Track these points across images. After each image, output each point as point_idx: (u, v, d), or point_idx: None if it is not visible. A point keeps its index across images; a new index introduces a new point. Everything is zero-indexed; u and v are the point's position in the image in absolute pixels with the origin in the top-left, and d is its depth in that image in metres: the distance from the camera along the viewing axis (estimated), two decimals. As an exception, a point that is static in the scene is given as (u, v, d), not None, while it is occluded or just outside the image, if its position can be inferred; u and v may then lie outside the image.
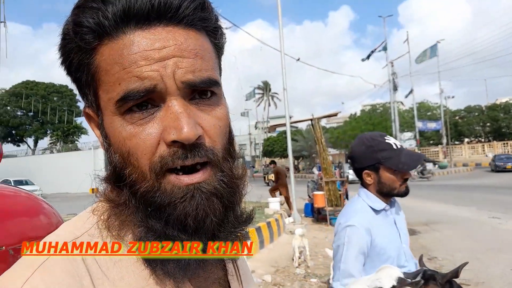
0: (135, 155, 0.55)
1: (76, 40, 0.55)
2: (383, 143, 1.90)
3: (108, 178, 0.60)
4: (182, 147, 0.53)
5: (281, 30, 12.74)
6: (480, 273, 6.24)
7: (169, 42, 0.54)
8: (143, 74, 0.52)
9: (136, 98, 0.53)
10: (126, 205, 0.57)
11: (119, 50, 0.53)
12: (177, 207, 0.54)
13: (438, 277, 1.61)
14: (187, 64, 0.54)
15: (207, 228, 0.55)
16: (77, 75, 0.59)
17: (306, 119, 13.77)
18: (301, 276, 6.64)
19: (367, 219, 1.91)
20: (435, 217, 11.69)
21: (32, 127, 52.11)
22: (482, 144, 47.94)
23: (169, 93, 0.54)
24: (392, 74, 36.43)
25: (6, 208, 1.14)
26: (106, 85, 0.55)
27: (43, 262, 0.52)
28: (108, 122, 0.57)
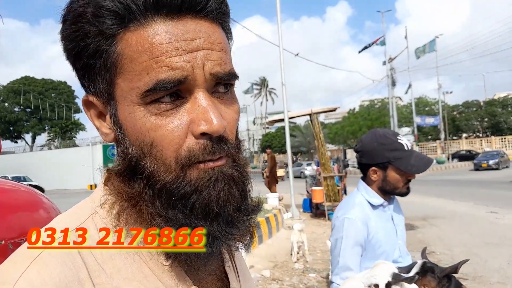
0: (160, 147, 0.54)
1: (96, 24, 0.52)
2: (396, 142, 1.89)
3: (122, 170, 0.58)
4: (210, 139, 0.54)
5: (279, 25, 12.71)
6: (478, 267, 6.27)
7: (199, 34, 0.54)
8: (175, 65, 0.52)
9: (166, 89, 0.52)
10: (141, 197, 0.56)
11: (149, 39, 0.52)
12: (203, 192, 0.54)
13: (436, 270, 1.62)
14: (215, 57, 0.55)
15: (227, 213, 0.56)
16: (91, 61, 0.56)
17: (304, 114, 13.75)
18: (300, 271, 6.66)
19: (364, 212, 1.92)
20: (433, 212, 11.73)
21: (30, 123, 52.02)
22: (480, 139, 48.04)
23: (197, 84, 0.54)
24: (391, 70, 36.39)
25: (5, 202, 1.15)
26: (129, 73, 0.54)
27: (39, 254, 0.52)
28: (126, 112, 0.55)
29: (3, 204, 1.13)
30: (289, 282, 6.08)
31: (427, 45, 39.53)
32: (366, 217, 1.91)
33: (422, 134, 50.92)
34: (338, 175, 12.44)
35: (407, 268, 1.64)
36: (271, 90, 78.01)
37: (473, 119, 53.77)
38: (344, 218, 1.91)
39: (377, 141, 1.92)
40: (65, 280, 0.50)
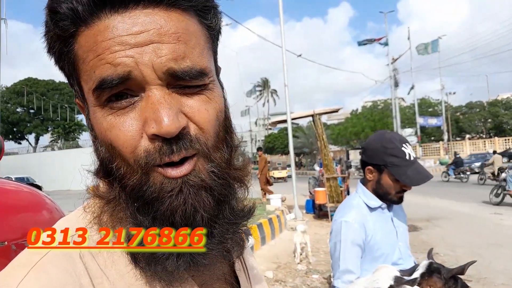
0: (118, 148, 0.51)
1: (53, 28, 0.51)
2: (398, 149, 1.85)
3: (97, 173, 0.57)
4: (165, 140, 0.49)
5: (282, 26, 12.70)
6: (483, 268, 6.23)
7: (147, 26, 0.49)
8: (116, 60, 0.48)
9: (110, 86, 0.49)
10: (116, 200, 0.54)
11: (94, 37, 0.49)
12: (164, 202, 0.50)
13: (443, 271, 1.61)
14: (167, 51, 0.49)
15: (197, 225, 0.52)
16: (60, 65, 0.55)
17: (307, 115, 13.75)
18: (303, 272, 6.64)
19: (361, 214, 1.91)
20: (436, 213, 11.68)
21: (33, 124, 52.17)
22: (483, 140, 47.84)
23: (147, 81, 0.49)
24: (394, 70, 36.33)
25: (9, 203, 1.14)
26: (84, 74, 0.52)
27: (39, 260, 0.50)
28: (91, 113, 0.54)
29: (5, 205, 1.12)
30: (292, 284, 6.06)
31: (429, 44, 39.45)
32: (363, 219, 1.90)
33: (425, 135, 50.76)
34: (341, 176, 12.41)
35: (409, 271, 1.63)
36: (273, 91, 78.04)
37: (476, 120, 53.60)
38: (341, 221, 1.90)
39: (381, 142, 1.90)
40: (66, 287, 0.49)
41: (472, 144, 46.23)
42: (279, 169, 35.42)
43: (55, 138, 53.18)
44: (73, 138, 52.77)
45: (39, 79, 53.62)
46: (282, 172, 34.77)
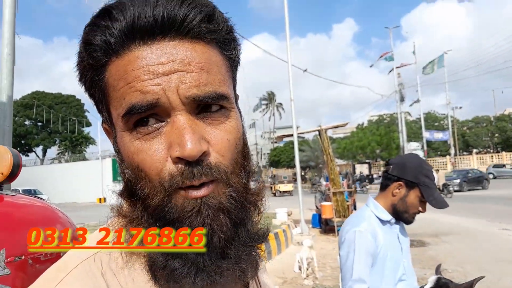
0: (143, 171, 0.54)
1: (87, 58, 0.55)
2: (432, 173, 1.96)
3: (122, 193, 0.60)
4: (188, 164, 0.52)
5: (288, 41, 12.83)
6: (491, 285, 6.15)
7: (173, 57, 0.53)
8: (146, 89, 0.52)
9: (139, 112, 0.53)
10: (139, 220, 0.57)
11: (124, 66, 0.53)
12: (184, 222, 0.53)
13: (451, 286, 1.63)
14: (191, 79, 0.53)
15: (215, 245, 0.54)
16: (91, 92, 0.60)
17: (314, 130, 13.76)
18: (309, 287, 6.59)
19: (372, 226, 1.95)
20: (444, 229, 11.59)
21: (40, 137, 52.59)
22: (490, 154, 47.52)
23: (173, 107, 0.53)
24: (399, 85, 36.38)
25: (25, 218, 1.16)
26: (114, 101, 0.56)
27: (64, 276, 0.53)
28: (119, 137, 0.57)
29: (21, 220, 1.14)
30: (298, 299, 6.01)
31: (435, 61, 39.54)
32: (374, 231, 1.94)
33: (431, 150, 50.54)
34: (347, 190, 12.36)
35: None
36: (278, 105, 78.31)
37: (483, 134, 53.33)
38: (354, 230, 1.93)
39: (420, 162, 2.00)
40: None
41: (479, 159, 45.92)
42: (285, 182, 35.30)
43: (62, 150, 53.52)
44: (80, 151, 53.08)
45: (47, 92, 54.21)
46: (287, 186, 34.67)
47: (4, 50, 2.86)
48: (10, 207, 1.14)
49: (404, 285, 1.89)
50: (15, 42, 2.93)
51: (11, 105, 2.78)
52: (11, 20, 2.93)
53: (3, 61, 2.82)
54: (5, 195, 1.16)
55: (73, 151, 52.21)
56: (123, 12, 0.52)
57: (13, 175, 1.17)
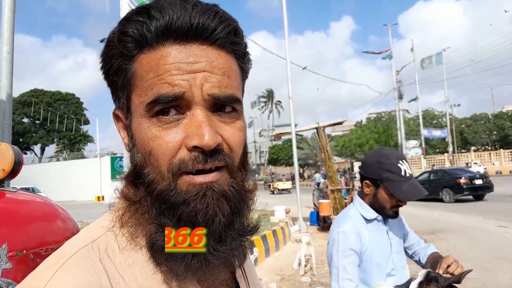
0: (156, 155, 0.59)
1: (119, 47, 0.61)
2: (394, 165, 1.92)
3: (128, 176, 0.64)
4: (202, 152, 0.58)
5: (286, 39, 12.83)
6: (488, 281, 6.20)
7: (201, 59, 0.59)
8: (174, 82, 0.58)
9: (164, 102, 0.58)
10: (141, 203, 0.61)
11: (156, 60, 0.59)
12: (190, 204, 0.58)
13: (440, 280, 1.68)
14: (215, 80, 0.59)
15: (215, 228, 0.59)
16: (114, 79, 0.64)
17: (312, 127, 13.78)
18: (307, 284, 6.62)
19: (357, 225, 1.97)
20: (441, 226, 11.63)
21: (38, 135, 52.48)
22: (488, 152, 47.66)
23: (195, 102, 0.59)
24: (398, 82, 36.41)
25: (26, 213, 1.18)
26: (139, 89, 0.61)
27: (65, 262, 0.56)
28: (136, 123, 0.62)
29: (23, 215, 1.16)
30: (296, 296, 6.05)
31: (433, 57, 39.56)
32: (358, 229, 1.95)
33: (429, 147, 50.62)
34: (345, 188, 12.39)
35: (405, 285, 1.69)
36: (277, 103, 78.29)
37: (481, 132, 53.42)
38: (338, 231, 1.95)
39: (378, 158, 1.98)
40: (88, 286, 0.55)
41: (477, 156, 46.04)
42: (283, 180, 35.33)
43: (61, 148, 53.46)
44: (78, 149, 53.05)
45: (45, 90, 54.12)
46: (286, 184, 34.70)
47: (3, 48, 2.87)
48: (12, 203, 1.17)
49: (393, 279, 1.92)
50: (14, 41, 2.95)
51: (11, 103, 2.79)
52: (11, 19, 2.94)
53: (2, 60, 2.84)
54: (7, 191, 1.18)
55: (71, 149, 52.16)
56: (162, 13, 0.58)
57: (15, 172, 1.19)
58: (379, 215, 2.00)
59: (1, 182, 1.19)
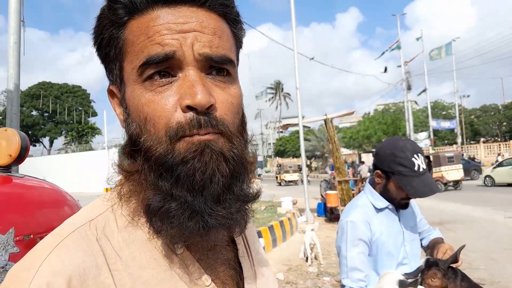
0: (152, 121, 0.58)
1: (110, 15, 0.61)
2: (407, 160, 1.84)
3: (124, 149, 0.64)
4: (197, 113, 0.57)
5: (294, 29, 12.76)
6: (496, 272, 6.18)
7: (191, 19, 0.59)
8: (165, 41, 0.57)
9: (156, 62, 0.57)
10: (139, 172, 0.60)
11: (146, 23, 0.59)
12: (188, 163, 0.56)
13: (440, 263, 1.70)
14: (205, 39, 0.59)
15: (213, 188, 0.57)
16: (106, 50, 0.64)
17: (320, 119, 13.73)
18: (314, 274, 6.65)
19: (366, 214, 1.94)
20: (449, 217, 11.58)
21: (47, 127, 52.87)
22: (498, 143, 47.19)
23: (186, 62, 0.58)
24: (406, 73, 36.08)
25: (34, 199, 1.19)
26: (131, 55, 0.60)
27: (61, 241, 0.56)
28: (129, 91, 0.62)
29: (31, 200, 1.18)
30: (303, 286, 6.08)
31: (442, 47, 39.10)
32: (368, 218, 1.92)
33: (438, 139, 50.23)
34: (353, 179, 12.36)
35: (415, 273, 1.70)
36: (285, 95, 78.00)
37: (491, 123, 52.89)
38: (346, 221, 1.93)
39: (392, 150, 1.90)
40: (83, 265, 0.55)
41: (487, 148, 45.64)
42: (290, 172, 35.31)
43: (69, 141, 53.82)
44: (86, 141, 53.35)
45: (53, 83, 54.35)
46: (293, 175, 34.69)
47: (10, 39, 2.88)
48: (19, 188, 1.18)
49: (405, 268, 1.89)
50: (21, 32, 2.96)
51: (18, 93, 2.81)
52: (17, 10, 2.95)
53: (9, 50, 2.85)
54: (14, 176, 1.19)
55: (79, 141, 52.49)
56: None
57: (21, 157, 1.20)
58: (389, 203, 1.96)
59: (8, 167, 1.20)
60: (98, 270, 0.56)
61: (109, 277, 0.56)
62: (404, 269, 1.88)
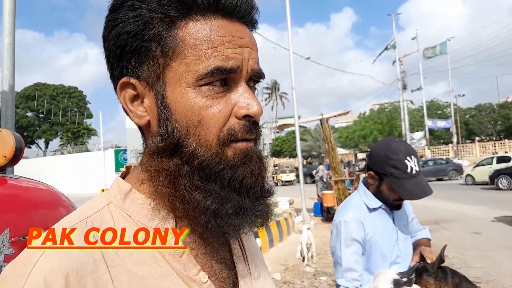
0: (207, 124, 0.60)
1: (161, 11, 0.59)
2: (400, 162, 1.85)
3: (164, 147, 0.62)
4: (249, 121, 0.63)
5: (289, 28, 12.77)
6: (491, 270, 6.21)
7: (245, 35, 0.64)
8: (231, 55, 0.60)
9: (221, 74, 0.60)
10: (179, 172, 0.61)
11: (209, 30, 0.60)
12: (239, 168, 0.62)
13: (429, 267, 1.71)
14: (255, 56, 0.65)
15: (256, 189, 0.64)
16: (147, 44, 0.61)
17: (315, 119, 13.76)
18: (311, 274, 6.66)
19: (360, 214, 1.94)
20: (445, 216, 11.63)
21: (42, 129, 52.63)
22: (493, 142, 47.39)
23: (242, 75, 0.63)
24: (402, 73, 36.21)
25: (28, 199, 1.19)
26: (188, 58, 0.60)
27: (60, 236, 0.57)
28: (177, 92, 0.61)
29: (26, 201, 1.17)
30: (300, 286, 6.09)
31: (437, 46, 39.28)
32: (361, 218, 1.93)
33: (434, 138, 50.39)
34: (349, 179, 12.39)
35: (409, 272, 1.71)
36: (282, 95, 78.01)
37: (486, 122, 53.14)
38: (340, 221, 1.93)
39: (385, 151, 1.90)
40: (80, 261, 0.55)
41: (482, 147, 45.84)
42: (287, 172, 35.33)
43: (64, 142, 53.62)
44: (82, 142, 53.20)
45: (49, 84, 54.19)
46: (290, 176, 34.71)
47: (5, 39, 2.87)
48: (14, 189, 1.17)
49: (398, 267, 1.90)
50: (15, 32, 2.95)
51: (13, 94, 2.80)
52: (12, 10, 2.94)
53: (4, 51, 2.84)
54: (9, 178, 1.19)
55: (75, 142, 52.31)
56: None
57: (16, 159, 1.20)
58: (383, 203, 1.97)
59: (2, 168, 1.20)
60: (95, 266, 0.56)
61: (106, 272, 0.57)
62: (398, 268, 1.89)
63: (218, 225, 0.61)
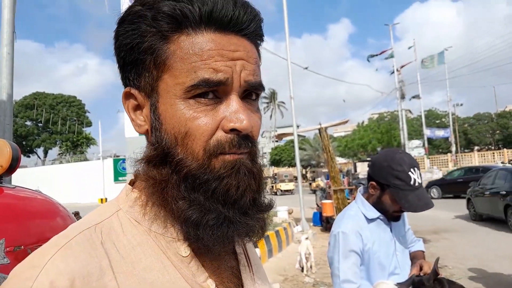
0: (193, 136, 0.61)
1: (155, 25, 0.61)
2: (404, 173, 1.84)
3: (154, 156, 0.64)
4: (238, 135, 0.62)
5: (287, 38, 12.84)
6: (491, 280, 6.18)
7: (239, 48, 0.63)
8: (219, 68, 0.60)
9: (209, 86, 0.60)
10: (168, 181, 0.62)
11: (200, 44, 0.61)
12: (223, 180, 0.61)
13: (424, 280, 1.70)
14: (250, 68, 0.64)
15: (244, 202, 0.63)
16: (142, 57, 0.63)
17: (314, 128, 13.76)
18: (310, 284, 6.62)
19: (357, 224, 1.92)
20: (445, 225, 11.60)
21: (41, 138, 52.61)
22: (492, 152, 47.43)
23: (233, 88, 0.62)
24: (400, 82, 36.36)
25: (24, 209, 1.19)
26: (177, 71, 0.61)
27: (66, 242, 0.57)
28: (167, 104, 0.63)
29: (22, 211, 1.17)
30: (299, 296, 6.04)
31: (435, 56, 39.50)
32: (359, 229, 1.91)
33: (432, 147, 50.43)
34: (348, 188, 12.36)
35: (407, 283, 1.71)
36: (280, 104, 78.18)
37: (484, 131, 53.24)
38: (338, 232, 1.91)
39: (389, 162, 1.89)
40: (87, 267, 0.56)
41: (480, 156, 45.87)
42: (286, 181, 35.25)
43: (63, 151, 53.56)
44: (81, 151, 53.13)
45: (47, 93, 54.22)
46: (289, 185, 34.64)
47: (3, 49, 2.88)
48: (10, 198, 1.17)
49: (397, 278, 1.88)
50: (14, 42, 2.96)
51: (12, 103, 2.80)
52: (10, 20, 2.95)
53: (3, 60, 2.85)
54: (5, 187, 1.19)
55: (74, 151, 52.26)
56: None
57: (12, 168, 1.19)
58: (381, 214, 1.95)
59: (-1, 178, 1.19)
60: (102, 272, 0.57)
61: (113, 279, 0.57)
62: (396, 279, 1.87)
63: (198, 236, 0.61)
